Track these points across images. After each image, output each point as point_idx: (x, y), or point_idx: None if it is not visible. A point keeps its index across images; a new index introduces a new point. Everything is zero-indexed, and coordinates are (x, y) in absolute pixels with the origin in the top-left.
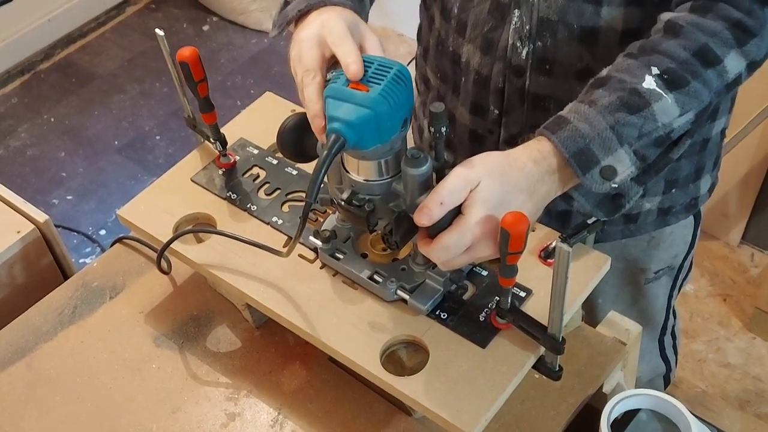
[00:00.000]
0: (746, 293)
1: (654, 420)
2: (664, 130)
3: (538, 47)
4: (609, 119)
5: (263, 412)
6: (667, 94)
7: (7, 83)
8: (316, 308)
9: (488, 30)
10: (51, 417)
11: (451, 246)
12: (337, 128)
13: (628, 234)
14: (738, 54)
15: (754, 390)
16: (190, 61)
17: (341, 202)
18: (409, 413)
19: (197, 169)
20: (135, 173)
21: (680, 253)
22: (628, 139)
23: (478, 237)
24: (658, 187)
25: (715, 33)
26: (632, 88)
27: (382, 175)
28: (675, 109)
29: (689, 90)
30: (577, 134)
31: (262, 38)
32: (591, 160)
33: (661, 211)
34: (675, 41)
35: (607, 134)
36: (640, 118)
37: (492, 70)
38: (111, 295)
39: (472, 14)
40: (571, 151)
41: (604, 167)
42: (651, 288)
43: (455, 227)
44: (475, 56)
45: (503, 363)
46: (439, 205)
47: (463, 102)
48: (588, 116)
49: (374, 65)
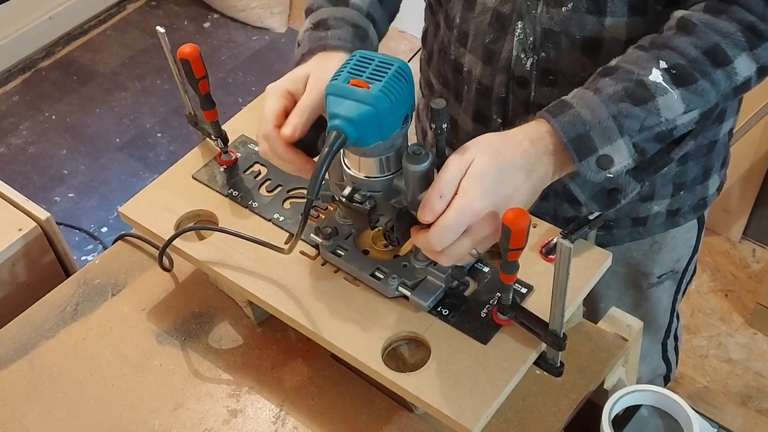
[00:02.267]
0: (748, 289)
1: (655, 416)
2: (667, 126)
3: (542, 58)
4: (612, 108)
5: (265, 409)
6: (673, 89)
7: (9, 81)
8: (317, 305)
9: (489, 41)
10: (53, 414)
11: (450, 225)
12: (338, 125)
13: (636, 236)
14: (749, 57)
15: (755, 385)
16: (191, 58)
17: (342, 199)
18: (410, 409)
19: (198, 166)
20: (136, 170)
21: (683, 257)
22: (629, 131)
23: (476, 215)
24: (666, 190)
25: (727, 34)
26: (639, 80)
27: (384, 172)
28: (680, 106)
29: (696, 88)
30: (578, 120)
31: (263, 35)
32: (589, 147)
33: (670, 213)
34: (687, 38)
35: (609, 123)
36: (643, 110)
37: (494, 81)
38: (113, 292)
39: (472, 24)
40: (569, 136)
41: (601, 156)
42: (654, 292)
43: (452, 205)
44: (477, 66)
45: (505, 359)
46: (439, 198)
47: (466, 109)
48: (591, 103)
49: (375, 62)
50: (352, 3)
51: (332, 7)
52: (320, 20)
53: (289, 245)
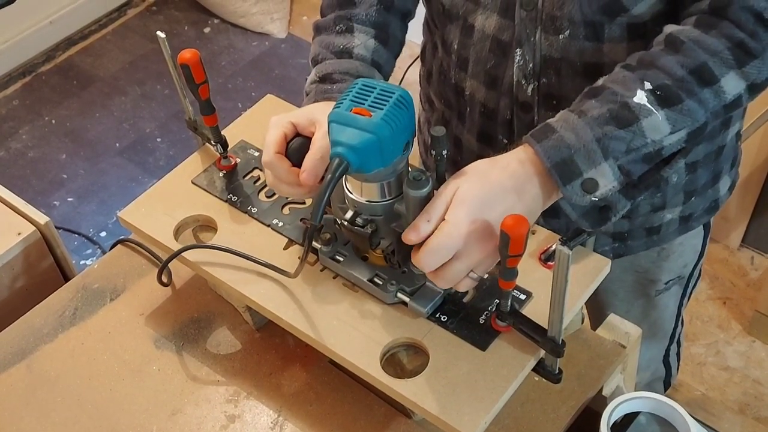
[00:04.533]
0: (746, 296)
1: (654, 423)
2: (654, 147)
3: (543, 84)
4: (597, 131)
5: (263, 414)
6: (658, 110)
7: (9, 85)
8: (316, 310)
9: (491, 67)
10: (51, 419)
11: (434, 248)
12: (341, 152)
13: (651, 245)
14: (737, 75)
15: (753, 393)
16: (191, 63)
17: (344, 222)
18: (409, 416)
19: (198, 171)
20: (136, 175)
21: (690, 262)
22: (614, 153)
23: (464, 239)
24: (677, 198)
25: (715, 52)
26: (623, 102)
27: (385, 197)
28: (666, 127)
29: (682, 108)
30: (561, 144)
31: (263, 41)
32: (573, 171)
33: (683, 218)
34: (674, 57)
35: (593, 146)
36: (628, 132)
37: (498, 104)
38: (111, 297)
39: (472, 51)
40: (553, 161)
41: (585, 180)
42: (662, 299)
43: (438, 229)
44: (480, 91)
45: (503, 366)
46: (426, 222)
47: (470, 130)
48: (576, 127)
49: (377, 90)
50: (356, 54)
51: (336, 60)
52: (325, 74)
53: (294, 270)
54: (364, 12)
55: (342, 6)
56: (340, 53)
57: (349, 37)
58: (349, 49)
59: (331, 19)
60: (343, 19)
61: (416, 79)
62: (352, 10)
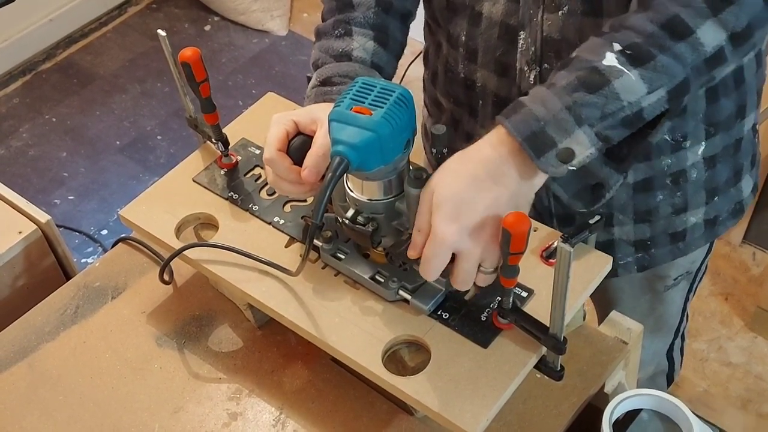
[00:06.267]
0: (748, 292)
1: (656, 420)
2: (632, 110)
3: (545, 69)
4: (566, 100)
5: (265, 412)
6: (630, 70)
7: (9, 83)
8: (317, 308)
9: (501, 54)
10: (53, 417)
11: (429, 258)
12: (341, 151)
13: (678, 254)
14: (714, 24)
15: (756, 389)
16: (191, 61)
17: (345, 221)
18: (411, 413)
19: (199, 169)
20: (136, 173)
21: (698, 257)
22: (588, 120)
23: (455, 241)
24: (699, 197)
25: (687, 3)
26: (592, 66)
27: (386, 195)
28: (641, 86)
29: (656, 65)
30: (531, 117)
31: (264, 38)
32: (545, 142)
33: (708, 222)
34: (644, 14)
35: (563, 115)
36: (600, 96)
37: (511, 92)
38: (113, 295)
39: (480, 40)
40: (523, 135)
41: (560, 150)
42: (669, 294)
43: (428, 239)
44: (491, 80)
45: (505, 363)
46: (418, 232)
47: (483, 124)
48: (544, 98)
49: (377, 88)
50: (355, 56)
51: (336, 63)
52: (325, 78)
53: (296, 268)
54: (362, 15)
55: (341, 10)
56: (339, 56)
57: (347, 40)
58: (348, 52)
59: (331, 23)
60: (342, 23)
61: (417, 76)
62: (351, 14)
